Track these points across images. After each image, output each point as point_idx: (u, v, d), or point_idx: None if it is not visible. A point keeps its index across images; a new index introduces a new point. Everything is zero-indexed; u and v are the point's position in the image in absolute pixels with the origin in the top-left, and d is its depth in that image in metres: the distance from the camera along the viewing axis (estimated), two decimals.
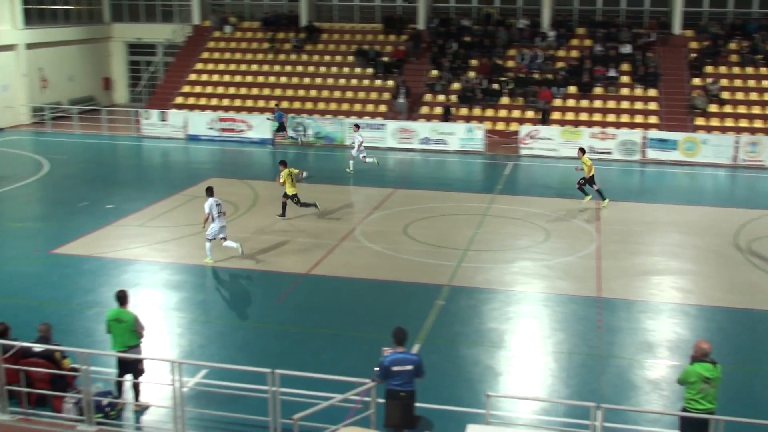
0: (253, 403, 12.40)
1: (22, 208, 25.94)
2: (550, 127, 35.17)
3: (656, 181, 31.37)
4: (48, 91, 43.12)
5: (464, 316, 17.10)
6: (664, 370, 14.67)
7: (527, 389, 14.01)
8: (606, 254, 21.13)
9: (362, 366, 13.50)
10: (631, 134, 34.09)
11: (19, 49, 40.72)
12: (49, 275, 19.47)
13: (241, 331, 16.40)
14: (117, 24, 49.03)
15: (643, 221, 24.37)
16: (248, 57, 43.35)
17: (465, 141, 35.11)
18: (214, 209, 19.79)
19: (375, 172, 30.79)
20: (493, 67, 39.63)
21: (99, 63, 48.18)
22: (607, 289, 18.70)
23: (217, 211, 19.81)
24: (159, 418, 12.85)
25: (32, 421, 12.61)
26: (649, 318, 17.14)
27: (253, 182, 28.86)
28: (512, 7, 43.77)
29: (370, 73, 40.90)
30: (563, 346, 15.64)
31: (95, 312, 16.87)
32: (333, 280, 19.34)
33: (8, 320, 13.45)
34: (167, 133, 37.89)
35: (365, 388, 11.44)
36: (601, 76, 38.33)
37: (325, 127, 36.51)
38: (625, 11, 42.46)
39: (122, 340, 12.85)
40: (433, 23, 42.78)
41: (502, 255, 21.13)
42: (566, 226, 23.70)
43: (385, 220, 24.18)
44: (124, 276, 19.32)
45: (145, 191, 27.14)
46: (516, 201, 26.55)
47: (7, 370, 12.58)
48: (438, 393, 13.45)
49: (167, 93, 42.19)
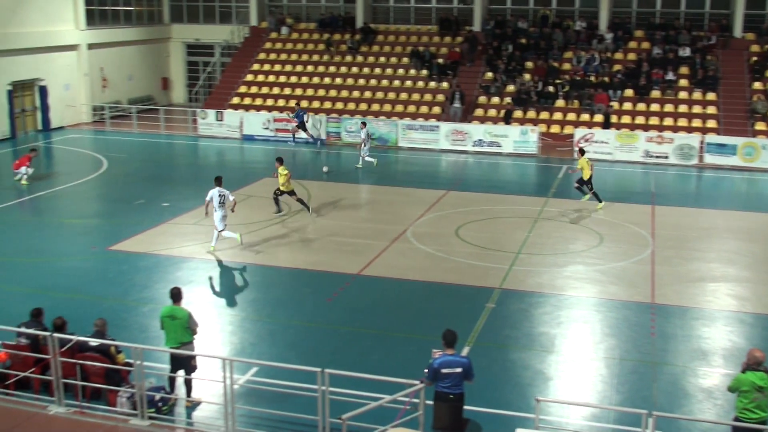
0: (303, 402, 12.50)
1: (81, 205, 26.46)
2: (606, 131, 34.79)
3: (714, 187, 30.86)
4: (108, 90, 43.93)
5: (515, 319, 17.03)
6: (717, 379, 14.43)
7: (577, 395, 13.90)
8: (661, 260, 20.86)
9: (411, 367, 13.51)
10: (688, 138, 33.57)
11: (81, 49, 41.55)
12: (106, 271, 19.83)
13: (292, 329, 16.52)
14: (176, 25, 49.75)
15: (699, 227, 24.01)
16: (304, 58, 43.64)
17: (519, 144, 34.92)
18: (216, 199, 20.61)
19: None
20: (548, 70, 39.35)
21: (158, 63, 48.95)
22: (661, 295, 18.46)
23: (218, 201, 20.61)
24: (210, 414, 13.02)
25: (87, 414, 12.87)
26: (703, 325, 16.89)
27: (306, 182, 29.03)
28: (569, 9, 43.39)
29: (424, 75, 40.88)
30: (615, 352, 15.48)
31: (150, 308, 17.16)
32: (384, 280, 19.39)
33: (66, 315, 13.79)
34: (223, 133, 38.33)
35: (414, 389, 11.46)
36: (658, 80, 37.80)
37: (379, 128, 36.59)
38: (685, 13, 41.80)
39: (176, 337, 13.03)
40: (489, 25, 42.60)
41: (554, 259, 20.98)
42: (620, 231, 23.44)
43: (436, 222, 24.16)
44: (178, 273, 19.61)
45: (200, 190, 27.30)
46: (569, 204, 26.31)
47: (64, 364, 12.85)
48: (487, 396, 13.41)
49: (224, 93, 42.67)
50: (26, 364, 13.38)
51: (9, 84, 37.05)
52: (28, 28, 37.89)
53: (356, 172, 31.24)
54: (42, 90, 39.22)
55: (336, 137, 36.95)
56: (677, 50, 39.18)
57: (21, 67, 37.76)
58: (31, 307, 14.06)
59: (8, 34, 36.69)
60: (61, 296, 17.80)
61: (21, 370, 13.35)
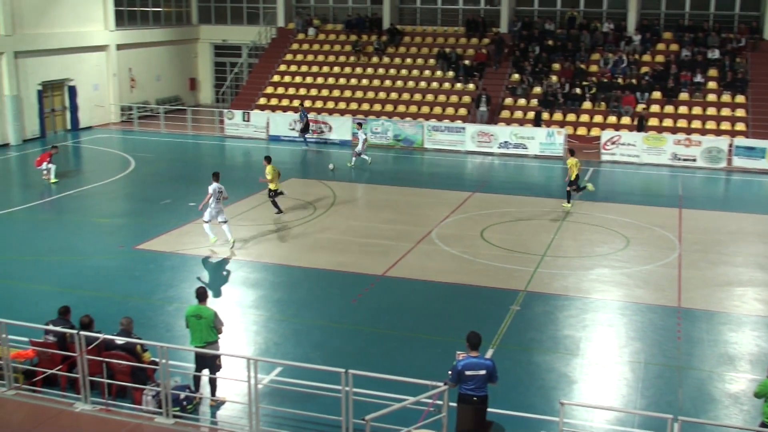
0: (326, 402, 12.53)
1: (108, 204, 26.67)
2: (633, 133, 34.56)
3: (742, 190, 30.58)
4: (136, 90, 44.29)
5: (539, 322, 16.97)
6: (744, 384, 14.30)
7: (602, 398, 13.82)
8: (687, 263, 20.70)
9: (435, 369, 13.51)
10: (717, 141, 33.29)
11: (110, 49, 41.92)
12: (133, 270, 19.99)
13: (316, 330, 16.56)
14: (204, 26, 50.07)
15: (727, 230, 23.79)
16: (330, 59, 43.76)
17: (545, 146, 34.79)
18: (216, 194, 21.31)
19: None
20: (575, 72, 39.19)
21: (185, 64, 49.27)
22: (687, 299, 18.32)
23: (217, 196, 21.34)
24: (234, 413, 13.09)
25: (112, 411, 12.98)
26: (730, 330, 16.74)
27: (331, 183, 29.11)
28: (597, 11, 43.15)
29: (450, 77, 40.85)
30: (640, 356, 15.38)
31: (175, 307, 17.28)
32: (408, 282, 19.39)
33: (93, 313, 13.91)
34: (249, 133, 38.50)
35: (438, 391, 11.45)
36: (687, 82, 37.52)
37: (405, 129, 36.60)
38: (714, 15, 41.44)
39: (201, 336, 13.10)
40: (516, 26, 42.49)
41: (580, 262, 20.88)
42: (647, 234, 23.28)
43: (462, 224, 24.13)
44: (204, 273, 19.72)
45: (226, 190, 27.56)
46: (595, 207, 26.18)
47: (90, 362, 12.97)
48: (511, 399, 13.36)
49: (250, 94, 42.88)
50: (53, 361, 13.52)
51: (39, 84, 37.44)
52: (58, 29, 38.28)
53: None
54: (71, 90, 39.63)
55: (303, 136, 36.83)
56: (706, 52, 38.89)
57: (51, 68, 38.16)
58: (58, 305, 14.21)
59: (39, 35, 37.09)
60: (88, 294, 17.97)
61: (48, 368, 13.49)
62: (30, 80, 36.91)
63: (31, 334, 14.18)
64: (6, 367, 13.50)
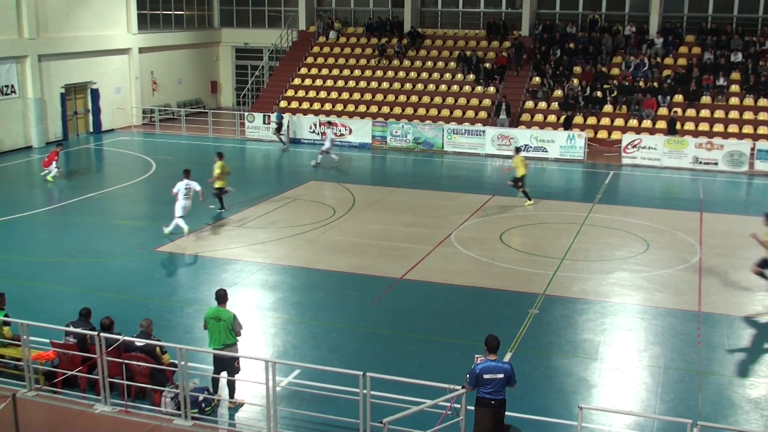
0: (344, 405, 12.56)
1: (129, 206, 26.84)
2: (654, 137, 34.40)
3: (764, 194, 30.29)
4: (158, 93, 44.56)
5: (558, 326, 16.91)
6: (765, 389, 14.20)
7: (621, 403, 13.75)
8: (708, 268, 20.57)
9: (453, 372, 13.52)
10: (739, 145, 33.04)
11: (133, 52, 42.22)
12: (153, 272, 20.11)
13: (335, 332, 16.58)
14: (225, 29, 50.31)
15: (748, 235, 23.54)
16: (351, 62, 43.85)
17: (565, 149, 34.68)
18: (182, 190, 22.66)
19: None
20: (596, 75, 39.04)
21: (207, 67, 49.53)
22: (707, 303, 18.21)
23: (184, 192, 22.67)
24: (252, 415, 13.14)
25: (132, 413, 13.07)
26: (751, 335, 16.62)
27: (351, 186, 29.15)
28: (619, 14, 42.98)
29: (471, 80, 40.82)
30: (659, 360, 15.30)
31: (195, 309, 17.37)
32: (427, 285, 19.38)
33: (113, 314, 14.03)
34: (270, 137, 38.62)
35: (456, 394, 11.45)
36: (709, 85, 37.30)
37: (425, 132, 36.60)
38: (737, 18, 41.15)
39: (220, 338, 13.15)
40: (537, 29, 42.39)
41: (600, 265, 20.80)
42: (668, 238, 23.15)
43: (481, 227, 24.10)
44: (223, 275, 19.81)
45: (246, 193, 27.74)
46: (616, 211, 26.08)
47: (110, 363, 13.07)
48: (529, 403, 13.34)
49: (271, 97, 43.02)
50: (74, 362, 13.62)
51: (62, 87, 37.76)
52: (81, 32, 38.59)
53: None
54: (94, 93, 39.93)
55: (381, 141, 36.99)
56: (729, 55, 38.63)
57: (74, 71, 38.47)
58: (79, 306, 14.33)
59: (63, 38, 37.41)
60: (109, 296, 18.10)
61: (68, 369, 13.59)
62: (53, 83, 37.24)
63: (52, 335, 14.31)
64: (27, 368, 13.62)
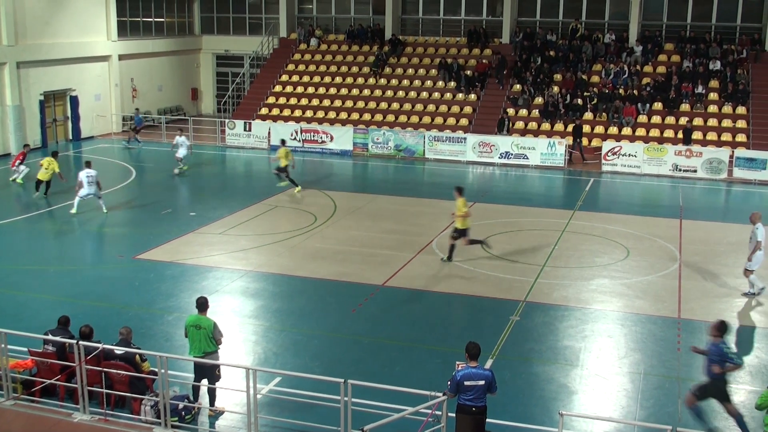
0: (325, 412, 12.53)
1: (109, 214, 26.66)
2: (634, 144, 34.60)
3: (743, 201, 30.55)
4: (138, 100, 44.36)
5: (539, 332, 16.95)
6: (744, 396, 14.26)
7: (601, 409, 13.79)
8: (688, 274, 20.69)
9: (434, 379, 13.51)
10: (717, 152, 33.30)
11: (112, 60, 42.02)
12: (132, 280, 19.99)
13: (316, 340, 16.54)
14: (206, 36, 50.20)
15: (727, 242, 23.77)
16: (332, 69, 43.87)
17: (546, 156, 34.82)
18: (84, 179, 25.35)
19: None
20: (577, 82, 39.24)
21: (187, 74, 49.39)
22: (687, 309, 18.30)
23: (86, 180, 25.33)
24: (233, 423, 13.07)
25: (111, 422, 12.95)
26: (730, 341, 16.67)
27: (332, 193, 29.14)
28: (599, 22, 43.23)
29: (452, 87, 40.93)
30: (640, 367, 15.35)
31: (175, 317, 17.28)
32: (408, 292, 19.38)
33: (92, 323, 13.87)
34: (251, 143, 38.58)
35: (437, 401, 11.44)
36: (688, 93, 37.58)
37: (406, 139, 36.65)
38: (716, 26, 41.49)
39: (200, 346, 13.08)
40: (518, 37, 42.56)
41: (580, 272, 20.87)
42: (647, 245, 23.27)
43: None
44: (204, 282, 19.72)
45: (227, 200, 27.66)
46: (596, 218, 26.19)
47: (89, 372, 12.96)
48: (510, 410, 13.34)
49: (252, 104, 42.97)
50: (52, 371, 13.51)
51: (41, 94, 37.53)
52: (61, 39, 38.39)
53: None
54: (73, 100, 39.71)
55: (362, 148, 37.01)
56: (707, 63, 38.95)
57: (53, 78, 38.25)
58: (58, 314, 14.22)
59: (42, 45, 37.20)
60: (88, 304, 17.97)
61: (47, 378, 13.48)
62: (32, 90, 37.01)
63: (30, 344, 14.18)
64: (5, 377, 13.47)
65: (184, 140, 32.96)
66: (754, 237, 18.69)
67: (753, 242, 18.71)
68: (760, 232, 18.59)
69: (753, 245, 18.68)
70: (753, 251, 18.65)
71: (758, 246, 18.54)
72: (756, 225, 18.76)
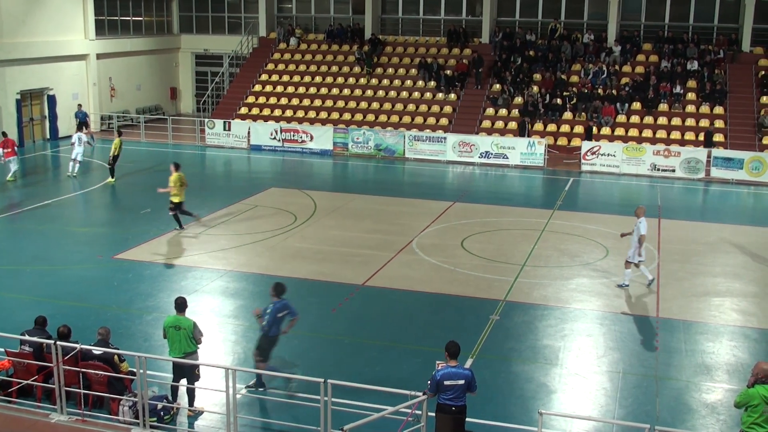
0: (305, 412, 12.53)
1: (87, 213, 26.56)
2: (613, 144, 34.76)
3: (720, 201, 30.80)
4: (116, 99, 44.10)
5: (519, 332, 17.00)
6: (721, 394, 14.37)
7: (581, 408, 13.85)
8: (666, 273, 20.82)
9: (415, 379, 13.52)
10: (695, 152, 33.52)
11: (90, 58, 41.73)
12: (111, 280, 19.86)
13: (296, 340, 16.45)
14: (185, 35, 49.96)
15: (705, 241, 23.94)
16: (312, 69, 43.80)
17: (525, 156, 34.92)
18: (77, 140, 30.53)
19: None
20: (556, 82, 39.39)
21: (166, 73, 49.15)
22: (665, 309, 18.41)
23: (78, 142, 30.51)
24: (212, 423, 13.02)
25: (89, 422, 12.88)
26: (708, 340, 16.82)
27: (312, 192, 29.09)
28: (578, 22, 43.42)
29: (432, 87, 40.97)
30: (618, 366, 15.43)
31: (154, 317, 17.20)
32: (388, 291, 19.38)
33: (70, 323, 13.79)
34: (230, 143, 38.45)
35: (417, 401, 11.44)
36: (666, 93, 37.81)
37: (386, 139, 36.64)
38: (693, 27, 41.76)
39: (180, 347, 13.02)
40: (498, 37, 42.65)
41: (560, 271, 20.95)
42: (626, 244, 23.28)
43: (442, 234, 24.16)
44: (183, 282, 19.64)
45: (206, 199, 27.53)
46: (576, 217, 26.30)
47: (66, 372, 12.87)
48: (490, 409, 13.37)
49: (232, 103, 42.84)
50: (29, 372, 13.40)
51: (17, 93, 37.22)
52: (37, 37, 38.09)
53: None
54: (50, 99, 39.42)
55: (342, 148, 36.99)
56: (685, 64, 39.21)
57: (30, 77, 37.95)
58: (36, 315, 14.11)
59: (18, 43, 36.90)
60: (66, 304, 17.84)
61: (24, 378, 13.37)
62: (8, 89, 36.70)
63: (7, 344, 14.06)
64: None
65: (81, 136, 31.84)
66: (637, 230, 19.33)
67: (636, 235, 19.36)
68: (643, 226, 19.31)
69: (636, 238, 19.30)
70: (639, 244, 19.25)
71: (642, 239, 19.21)
72: (639, 219, 19.42)
